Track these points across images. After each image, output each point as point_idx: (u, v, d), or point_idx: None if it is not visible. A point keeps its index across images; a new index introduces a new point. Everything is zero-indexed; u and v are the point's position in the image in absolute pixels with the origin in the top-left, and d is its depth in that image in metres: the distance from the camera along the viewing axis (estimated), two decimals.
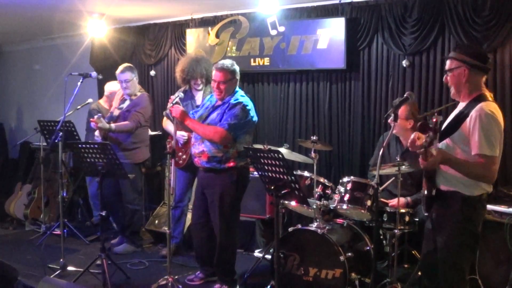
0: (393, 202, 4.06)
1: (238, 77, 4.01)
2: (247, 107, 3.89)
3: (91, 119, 4.82)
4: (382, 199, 4.20)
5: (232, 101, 3.90)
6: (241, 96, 3.96)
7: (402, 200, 4.13)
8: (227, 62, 3.98)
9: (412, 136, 2.89)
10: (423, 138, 2.86)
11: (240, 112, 3.84)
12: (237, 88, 4.01)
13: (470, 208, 2.80)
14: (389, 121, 3.60)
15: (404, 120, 4.15)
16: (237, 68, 4.01)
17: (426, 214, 3.07)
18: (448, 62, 2.92)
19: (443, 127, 2.92)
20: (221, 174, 3.91)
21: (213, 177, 3.95)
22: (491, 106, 2.77)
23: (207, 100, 4.17)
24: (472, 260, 3.10)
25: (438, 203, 2.93)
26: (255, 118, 3.98)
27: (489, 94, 2.86)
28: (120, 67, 5.05)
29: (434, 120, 2.66)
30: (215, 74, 3.94)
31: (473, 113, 2.74)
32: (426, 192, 2.96)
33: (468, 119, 2.76)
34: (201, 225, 4.13)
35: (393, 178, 4.12)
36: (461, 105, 2.92)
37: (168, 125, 4.97)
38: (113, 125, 4.85)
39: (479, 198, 2.81)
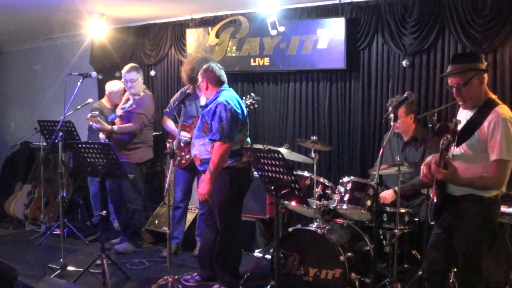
0: (382, 194, 4.26)
1: (211, 74, 3.93)
2: (227, 106, 3.78)
3: (87, 118, 4.83)
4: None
5: (212, 105, 3.85)
6: (222, 95, 3.89)
7: (389, 192, 4.26)
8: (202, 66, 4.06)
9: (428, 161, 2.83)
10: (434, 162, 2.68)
11: (222, 113, 3.76)
12: (223, 87, 3.95)
13: (488, 208, 2.81)
14: (391, 123, 3.55)
15: (405, 116, 4.32)
16: (210, 67, 3.96)
17: (432, 223, 3.05)
18: (457, 77, 2.81)
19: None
20: None
21: None
22: (506, 110, 2.77)
23: None
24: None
25: (450, 209, 2.91)
26: (239, 111, 3.88)
27: (495, 97, 2.86)
28: (126, 67, 5.08)
29: (453, 122, 2.64)
30: None
31: (491, 118, 2.72)
32: (436, 199, 2.93)
33: (485, 125, 2.73)
34: (210, 227, 4.14)
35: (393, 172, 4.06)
36: (468, 112, 2.88)
37: (168, 125, 4.97)
38: (115, 127, 4.89)
39: (495, 198, 2.83)
